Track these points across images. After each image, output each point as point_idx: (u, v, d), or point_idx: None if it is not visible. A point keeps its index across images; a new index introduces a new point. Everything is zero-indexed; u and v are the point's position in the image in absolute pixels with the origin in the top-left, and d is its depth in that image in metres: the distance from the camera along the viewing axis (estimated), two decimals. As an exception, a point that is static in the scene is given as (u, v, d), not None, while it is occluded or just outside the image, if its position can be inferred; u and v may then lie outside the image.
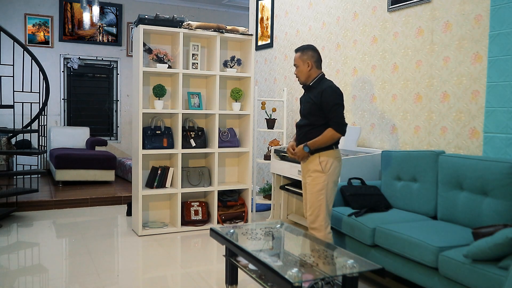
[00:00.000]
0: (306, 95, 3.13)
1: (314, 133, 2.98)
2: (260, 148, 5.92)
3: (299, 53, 3.09)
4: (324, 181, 2.95)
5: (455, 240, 2.49)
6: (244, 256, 2.50)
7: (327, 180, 2.96)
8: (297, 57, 3.10)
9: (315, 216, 2.98)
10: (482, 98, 3.10)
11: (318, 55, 3.10)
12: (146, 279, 3.22)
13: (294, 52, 3.15)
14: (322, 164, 2.96)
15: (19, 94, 4.81)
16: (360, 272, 2.26)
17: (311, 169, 3.00)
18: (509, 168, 2.59)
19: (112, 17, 7.95)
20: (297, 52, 3.12)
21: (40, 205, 5.16)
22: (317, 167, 2.97)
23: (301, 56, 3.07)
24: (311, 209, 2.99)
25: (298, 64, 3.09)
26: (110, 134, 8.11)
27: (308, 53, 3.07)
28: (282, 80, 5.57)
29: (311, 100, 3.01)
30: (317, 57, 3.08)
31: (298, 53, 3.10)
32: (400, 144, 3.79)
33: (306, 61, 3.06)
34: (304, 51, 3.08)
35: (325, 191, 2.96)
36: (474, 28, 3.17)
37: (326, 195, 2.96)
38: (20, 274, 3.32)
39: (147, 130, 4.24)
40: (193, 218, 4.41)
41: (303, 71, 3.07)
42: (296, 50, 3.13)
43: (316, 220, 2.98)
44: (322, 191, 2.95)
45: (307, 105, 3.05)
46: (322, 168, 2.95)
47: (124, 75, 8.04)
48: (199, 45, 4.44)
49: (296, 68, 3.12)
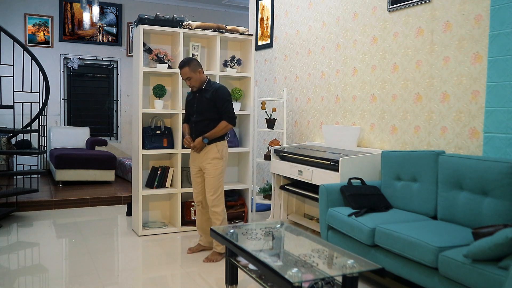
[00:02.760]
0: (198, 96, 3.58)
1: (209, 127, 3.52)
2: (260, 148, 5.92)
3: (186, 67, 3.48)
4: (222, 165, 3.58)
5: (455, 240, 2.49)
6: (244, 256, 2.50)
7: (224, 165, 3.60)
8: (187, 71, 3.49)
9: (217, 196, 3.55)
10: (482, 98, 3.10)
11: (199, 62, 3.57)
12: (146, 279, 3.23)
13: (180, 68, 3.52)
14: (220, 152, 3.55)
15: (19, 94, 4.81)
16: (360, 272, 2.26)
17: (210, 157, 3.53)
18: (509, 168, 2.59)
19: (112, 17, 7.95)
20: (183, 67, 3.50)
21: (40, 205, 5.17)
22: (216, 155, 3.54)
23: (189, 68, 3.48)
24: (213, 190, 3.54)
25: (190, 75, 3.50)
26: (110, 134, 8.11)
27: (193, 63, 3.51)
28: (282, 80, 5.57)
29: (206, 99, 3.52)
30: (200, 65, 3.56)
31: (185, 67, 3.49)
32: (400, 144, 3.79)
33: (196, 70, 3.51)
34: (189, 63, 3.49)
35: (223, 174, 3.60)
36: (474, 28, 3.17)
37: (223, 177, 3.61)
38: (20, 274, 3.32)
39: (147, 130, 4.24)
40: (193, 218, 4.41)
41: (196, 79, 3.52)
42: (181, 66, 3.51)
43: (218, 198, 3.55)
44: (222, 174, 3.59)
45: (202, 103, 3.54)
46: (220, 155, 3.55)
47: (124, 75, 8.04)
48: (199, 45, 4.44)
49: (189, 80, 3.52)
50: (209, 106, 3.53)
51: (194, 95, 3.63)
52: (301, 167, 4.03)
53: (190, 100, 3.68)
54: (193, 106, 3.61)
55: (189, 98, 3.70)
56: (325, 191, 3.38)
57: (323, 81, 4.76)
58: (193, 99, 3.63)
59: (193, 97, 3.64)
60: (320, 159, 3.83)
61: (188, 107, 3.70)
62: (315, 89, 4.91)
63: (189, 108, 3.68)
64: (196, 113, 3.58)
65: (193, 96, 3.64)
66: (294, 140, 5.27)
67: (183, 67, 3.50)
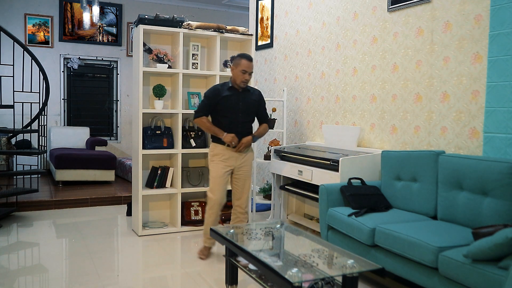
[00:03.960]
0: (242, 96, 3.55)
1: (250, 128, 3.64)
2: (260, 148, 5.92)
3: (251, 62, 3.50)
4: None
5: (455, 240, 2.49)
6: (244, 256, 2.50)
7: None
8: (252, 65, 3.52)
9: (248, 199, 3.63)
10: (482, 98, 3.10)
11: None
12: (146, 279, 3.23)
13: (248, 60, 3.48)
14: (253, 155, 3.69)
15: (19, 94, 4.81)
16: (360, 272, 2.26)
17: (250, 159, 3.63)
18: (509, 168, 2.59)
19: (112, 17, 7.95)
20: (251, 60, 3.50)
21: (40, 205, 5.17)
22: (252, 157, 3.67)
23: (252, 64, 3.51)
24: (246, 194, 3.61)
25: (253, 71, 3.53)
26: (110, 134, 8.11)
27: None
28: (282, 80, 5.57)
29: (253, 101, 3.59)
30: None
31: (252, 62, 3.51)
32: (400, 144, 3.79)
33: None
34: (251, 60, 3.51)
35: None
36: (474, 28, 3.17)
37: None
38: (20, 274, 3.32)
39: (147, 130, 4.24)
40: (193, 218, 4.41)
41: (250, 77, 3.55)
42: (251, 58, 3.51)
43: (248, 202, 3.64)
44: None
45: (249, 104, 3.58)
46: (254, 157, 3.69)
47: (124, 75, 8.04)
48: (199, 45, 4.44)
49: (249, 75, 3.51)
50: (254, 108, 3.62)
51: (236, 94, 3.54)
52: (301, 167, 4.03)
53: (230, 97, 3.53)
54: (238, 104, 3.53)
55: (225, 94, 3.53)
56: (325, 191, 3.38)
57: (323, 81, 4.76)
58: (236, 98, 3.54)
59: (234, 95, 3.53)
60: (320, 159, 3.83)
61: (226, 104, 3.53)
62: (315, 89, 4.91)
63: (229, 105, 3.52)
64: (242, 113, 3.55)
65: (233, 94, 3.54)
66: (294, 140, 5.27)
67: (250, 60, 3.51)
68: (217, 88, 3.59)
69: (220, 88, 3.57)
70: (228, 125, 3.53)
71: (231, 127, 3.52)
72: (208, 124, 3.57)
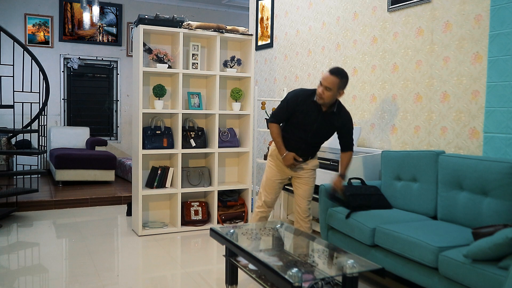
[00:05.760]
0: (322, 117, 3.13)
1: (317, 149, 3.37)
2: (260, 148, 5.92)
3: (338, 79, 2.98)
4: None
5: (455, 240, 2.49)
6: (244, 256, 2.50)
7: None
8: (334, 82, 2.97)
9: (307, 207, 3.37)
10: (482, 98, 3.10)
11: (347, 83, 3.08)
12: (146, 279, 3.22)
13: (331, 74, 2.99)
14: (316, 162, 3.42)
15: (19, 94, 4.81)
16: (360, 272, 2.26)
17: (313, 165, 3.36)
18: (509, 168, 2.59)
19: (112, 17, 7.95)
20: (335, 75, 2.99)
21: (40, 205, 5.17)
22: (316, 165, 3.40)
23: (339, 82, 2.99)
24: (308, 200, 3.37)
25: (332, 88, 2.99)
26: (110, 134, 8.11)
27: (344, 81, 3.02)
28: (282, 80, 5.57)
29: (333, 126, 3.20)
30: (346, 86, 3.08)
31: (337, 78, 2.98)
32: (400, 144, 3.79)
33: (341, 89, 3.03)
34: (342, 77, 3.00)
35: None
36: (474, 28, 3.17)
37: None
38: (20, 274, 3.32)
39: (147, 130, 4.24)
40: (193, 218, 4.41)
41: (332, 97, 3.03)
42: (334, 73, 2.99)
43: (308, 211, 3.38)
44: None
45: (326, 128, 3.20)
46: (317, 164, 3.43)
47: (124, 75, 8.04)
48: (199, 45, 4.44)
49: (326, 91, 3.00)
50: (331, 132, 3.23)
51: (316, 111, 3.13)
52: (301, 167, 4.03)
53: (307, 113, 3.14)
54: (313, 125, 3.15)
55: (304, 107, 3.13)
56: (325, 191, 3.38)
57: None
58: (314, 117, 3.14)
59: (313, 112, 3.13)
60: (320, 159, 3.82)
61: (299, 119, 3.16)
62: (315, 89, 4.90)
63: (301, 121, 3.16)
64: (313, 135, 3.18)
65: (313, 111, 3.13)
66: (294, 140, 5.26)
67: (335, 76, 2.99)
68: (300, 94, 3.19)
69: (302, 96, 3.16)
70: (293, 140, 3.22)
71: (295, 144, 3.22)
72: (275, 135, 3.24)
